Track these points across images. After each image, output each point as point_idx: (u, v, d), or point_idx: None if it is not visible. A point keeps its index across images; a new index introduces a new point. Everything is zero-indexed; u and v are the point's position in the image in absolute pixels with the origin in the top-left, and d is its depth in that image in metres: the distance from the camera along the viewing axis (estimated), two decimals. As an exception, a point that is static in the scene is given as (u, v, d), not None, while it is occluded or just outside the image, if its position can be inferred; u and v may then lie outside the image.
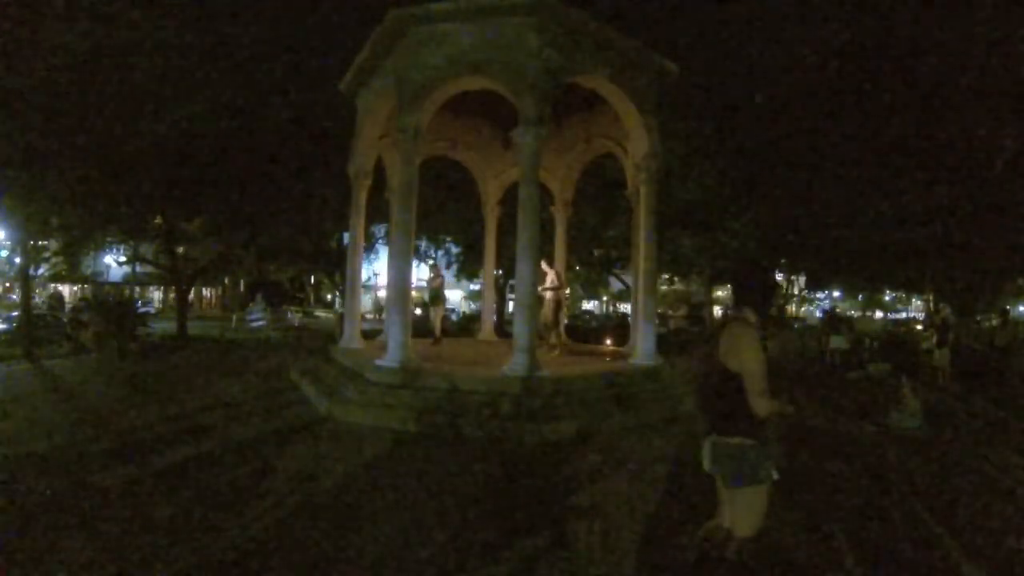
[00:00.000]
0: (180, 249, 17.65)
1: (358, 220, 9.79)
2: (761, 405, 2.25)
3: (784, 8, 12.34)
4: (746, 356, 2.29)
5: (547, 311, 9.19)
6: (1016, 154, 9.29)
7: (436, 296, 10.59)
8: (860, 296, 47.28)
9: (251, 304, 29.56)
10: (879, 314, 50.13)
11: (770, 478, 2.34)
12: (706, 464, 2.45)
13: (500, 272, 18.77)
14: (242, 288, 37.33)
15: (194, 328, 18.24)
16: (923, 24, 9.47)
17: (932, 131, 10.27)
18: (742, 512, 2.40)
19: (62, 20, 8.72)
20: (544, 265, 8.67)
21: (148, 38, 9.85)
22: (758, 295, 2.50)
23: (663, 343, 10.57)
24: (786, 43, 11.92)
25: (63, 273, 25.00)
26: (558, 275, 9.40)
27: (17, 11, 8.57)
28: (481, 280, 19.71)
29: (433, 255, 24.65)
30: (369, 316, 27.76)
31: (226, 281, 37.46)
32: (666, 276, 26.94)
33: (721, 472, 2.40)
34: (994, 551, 3.47)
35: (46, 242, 16.50)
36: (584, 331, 18.11)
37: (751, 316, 2.44)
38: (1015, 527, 3.87)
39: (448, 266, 23.39)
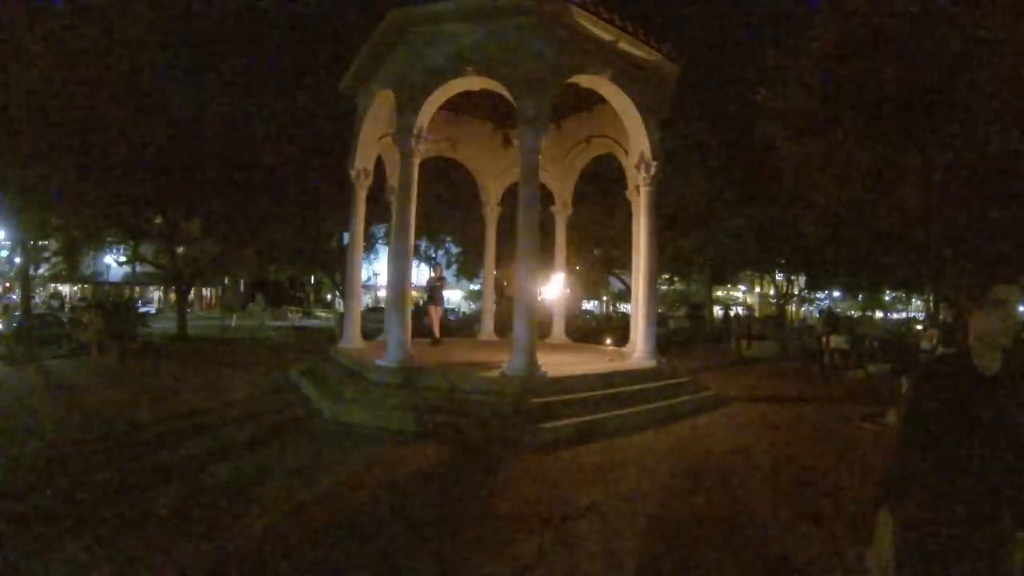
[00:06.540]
0: (180, 249, 17.67)
1: (358, 220, 9.78)
2: None
3: (783, 8, 12.33)
4: None
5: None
6: (1019, 151, 9.24)
7: (434, 296, 10.47)
8: (860, 296, 47.24)
9: (251, 304, 29.61)
10: (879, 314, 50.12)
11: None
12: None
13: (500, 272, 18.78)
14: (242, 288, 37.34)
15: (194, 328, 18.25)
16: (924, 20, 9.44)
17: (934, 127, 10.25)
18: None
19: (64, 20, 8.73)
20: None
21: (149, 38, 9.86)
22: None
23: (663, 343, 10.54)
24: (782, 41, 11.91)
25: (63, 273, 25.00)
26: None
27: (21, 9, 8.58)
28: (481, 280, 19.72)
29: (433, 255, 24.68)
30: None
31: (226, 281, 37.46)
32: (666, 276, 26.97)
33: None
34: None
35: (46, 242, 16.50)
36: (584, 331, 18.10)
37: None
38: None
39: (448, 266, 23.40)
